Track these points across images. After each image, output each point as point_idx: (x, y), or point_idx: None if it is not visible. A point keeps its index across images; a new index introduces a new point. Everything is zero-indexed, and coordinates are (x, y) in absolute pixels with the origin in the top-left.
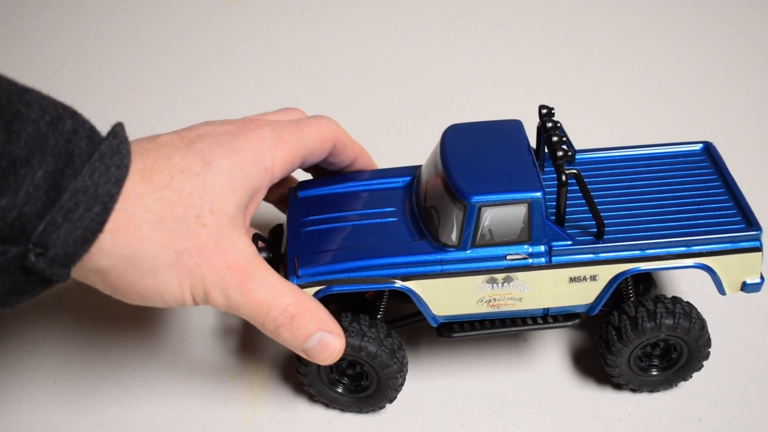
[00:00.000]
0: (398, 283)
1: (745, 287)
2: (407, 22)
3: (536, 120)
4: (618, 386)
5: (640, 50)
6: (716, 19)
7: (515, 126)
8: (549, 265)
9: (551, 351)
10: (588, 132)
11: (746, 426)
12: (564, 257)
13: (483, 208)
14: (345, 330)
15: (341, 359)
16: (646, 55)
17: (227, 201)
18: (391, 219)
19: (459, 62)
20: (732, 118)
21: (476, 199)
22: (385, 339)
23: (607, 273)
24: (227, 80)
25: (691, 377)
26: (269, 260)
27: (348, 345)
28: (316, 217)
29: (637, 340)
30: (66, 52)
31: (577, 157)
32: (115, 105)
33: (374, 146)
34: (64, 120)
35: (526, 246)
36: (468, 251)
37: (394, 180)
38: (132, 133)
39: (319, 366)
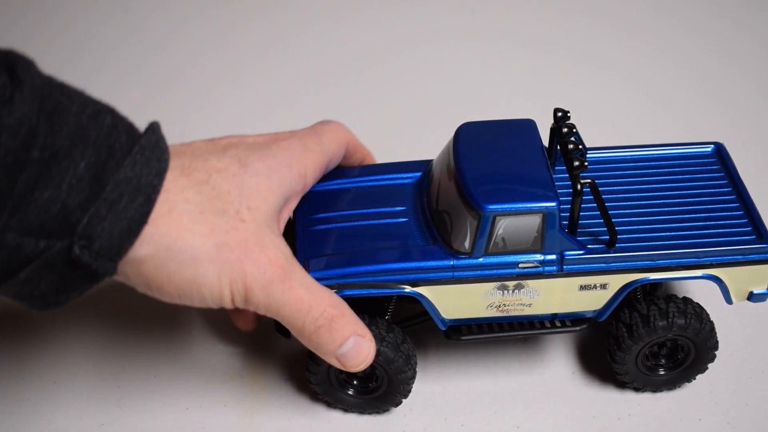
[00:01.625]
0: (409, 289)
1: (752, 297)
2: (407, 24)
3: (538, 120)
4: (620, 385)
5: (642, 49)
6: (721, 17)
7: (528, 126)
8: (560, 274)
9: (551, 351)
10: (589, 132)
11: (746, 426)
12: (575, 266)
13: (497, 217)
14: None
15: None
16: (649, 54)
17: (264, 200)
18: (401, 219)
19: (460, 63)
20: (735, 118)
21: (491, 208)
22: (401, 344)
23: (617, 282)
24: (229, 80)
25: (694, 379)
26: None
27: None
28: (325, 215)
29: (647, 338)
30: (66, 52)
31: (587, 156)
32: (115, 105)
33: (377, 146)
34: (103, 114)
35: (538, 254)
36: (480, 258)
37: (404, 176)
38: None
39: (330, 365)
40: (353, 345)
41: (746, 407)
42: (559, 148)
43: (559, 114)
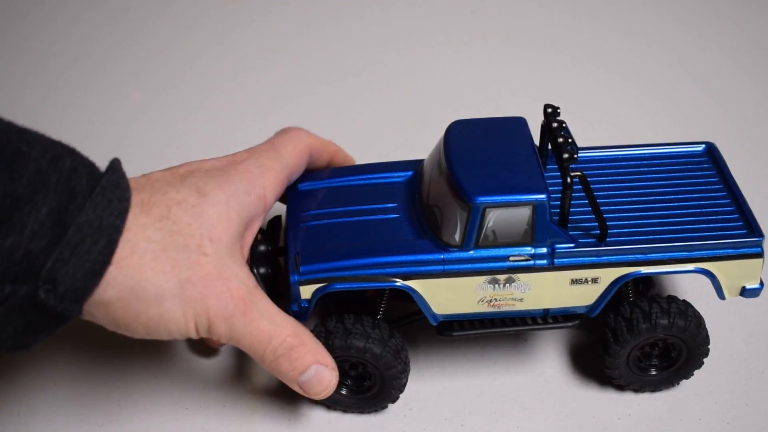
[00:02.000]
0: (399, 282)
1: (745, 292)
2: (407, 23)
3: (537, 119)
4: (620, 387)
5: (640, 50)
6: (719, 17)
7: (519, 123)
8: (551, 267)
9: (551, 351)
10: (588, 132)
11: (746, 426)
12: (566, 259)
13: (487, 209)
14: (349, 332)
15: (344, 361)
16: (647, 54)
17: (225, 230)
18: (393, 215)
19: (459, 63)
20: (732, 117)
21: (481, 200)
22: (389, 340)
23: (608, 276)
24: (227, 80)
25: (692, 375)
26: (268, 253)
27: (353, 347)
28: (316, 212)
29: (633, 341)
30: (66, 52)
31: (579, 155)
32: (116, 105)
33: (374, 145)
34: (63, 158)
35: (529, 247)
36: (471, 252)
37: (396, 174)
38: (134, 132)
39: None
40: (314, 373)
41: (746, 407)
42: (549, 142)
43: (549, 110)
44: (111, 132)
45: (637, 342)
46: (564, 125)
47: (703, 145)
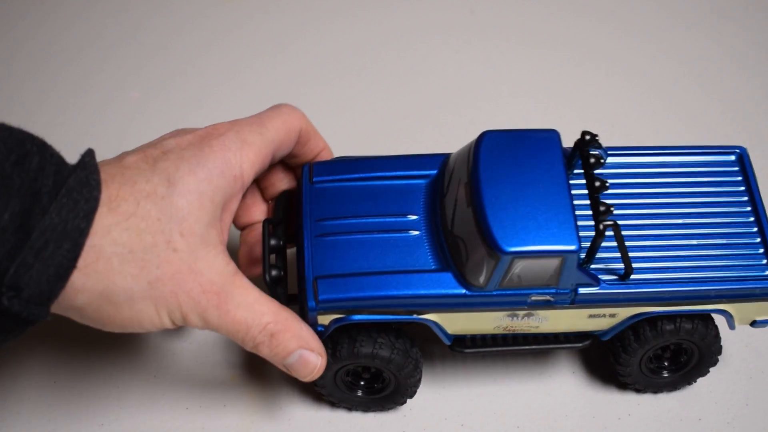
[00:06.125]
0: (419, 316)
1: (755, 324)
2: (407, 22)
3: (538, 121)
4: (620, 385)
5: (641, 49)
6: (722, 16)
7: (551, 141)
8: (571, 306)
9: (551, 351)
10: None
11: (746, 426)
12: (587, 299)
13: (515, 260)
14: (374, 341)
15: (360, 367)
16: (647, 53)
17: (196, 221)
18: (413, 232)
19: (459, 62)
20: (734, 117)
21: (510, 250)
22: (410, 350)
23: (625, 312)
24: (228, 80)
25: (695, 381)
26: (278, 247)
27: (378, 356)
28: (335, 222)
29: (653, 341)
30: (67, 52)
31: (605, 157)
32: (116, 105)
33: (374, 144)
34: (30, 157)
35: (552, 289)
36: (493, 291)
37: (417, 173)
38: (134, 132)
39: (337, 370)
40: (298, 358)
41: (746, 407)
42: (585, 181)
43: (587, 137)
44: (110, 131)
45: (657, 343)
46: (603, 161)
47: (735, 153)
